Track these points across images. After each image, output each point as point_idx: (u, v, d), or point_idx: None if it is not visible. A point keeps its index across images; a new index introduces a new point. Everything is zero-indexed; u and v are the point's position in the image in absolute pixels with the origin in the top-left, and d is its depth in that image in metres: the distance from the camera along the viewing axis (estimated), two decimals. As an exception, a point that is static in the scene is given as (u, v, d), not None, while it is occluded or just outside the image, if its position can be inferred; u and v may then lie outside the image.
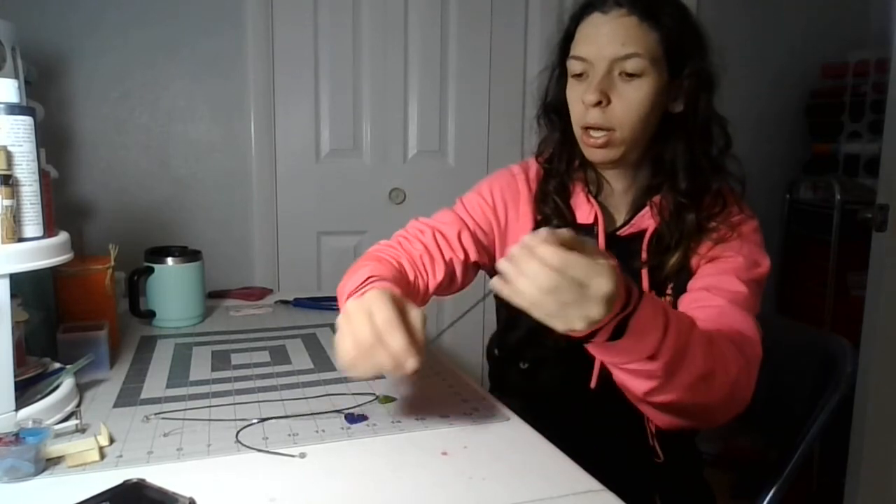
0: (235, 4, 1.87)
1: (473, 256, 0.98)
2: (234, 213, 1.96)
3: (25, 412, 0.72)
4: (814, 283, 2.30)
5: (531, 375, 0.93)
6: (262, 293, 1.50)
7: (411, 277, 0.92)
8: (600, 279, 0.60)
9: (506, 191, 1.00)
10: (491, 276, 1.05)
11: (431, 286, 0.94)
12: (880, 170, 1.67)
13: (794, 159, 2.48)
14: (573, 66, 0.87)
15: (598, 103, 0.84)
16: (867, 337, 1.68)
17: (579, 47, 0.86)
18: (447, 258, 0.95)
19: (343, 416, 0.79)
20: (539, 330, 0.96)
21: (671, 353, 0.68)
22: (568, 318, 0.62)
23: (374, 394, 0.86)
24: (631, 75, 0.83)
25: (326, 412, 0.80)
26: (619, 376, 0.75)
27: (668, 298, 0.88)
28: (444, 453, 0.70)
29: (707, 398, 0.74)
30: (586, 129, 0.87)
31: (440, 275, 0.94)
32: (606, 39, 0.83)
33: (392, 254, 0.94)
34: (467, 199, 1.02)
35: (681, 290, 0.87)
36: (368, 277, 0.82)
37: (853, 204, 2.14)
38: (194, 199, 1.91)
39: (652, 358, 0.68)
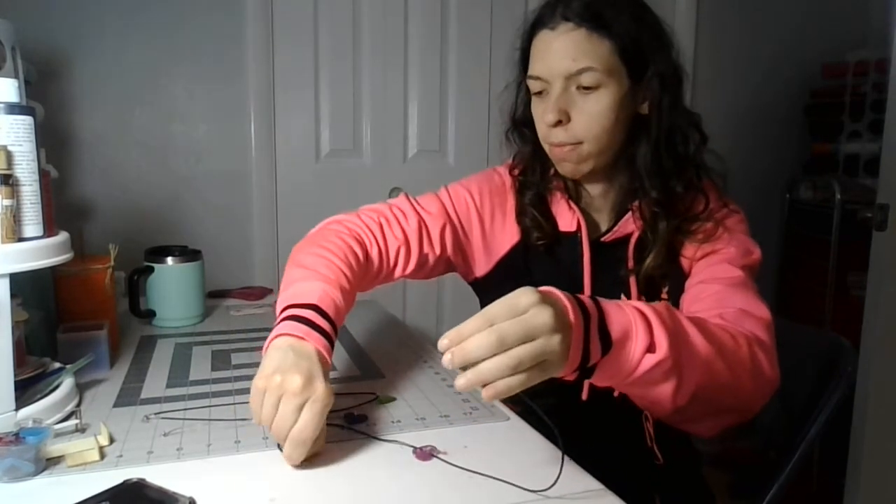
0: (236, 4, 1.87)
1: (450, 252, 0.97)
2: (234, 213, 1.96)
3: (25, 412, 0.72)
4: (814, 283, 2.30)
5: None
6: (262, 293, 1.50)
7: (373, 268, 0.90)
8: (535, 313, 0.56)
9: (495, 199, 0.98)
10: (462, 275, 1.04)
11: (397, 274, 0.94)
12: (880, 169, 1.67)
13: (794, 159, 2.48)
14: (531, 85, 0.87)
15: (559, 122, 0.83)
16: (867, 337, 1.68)
17: (533, 66, 0.86)
18: (424, 251, 0.95)
19: (343, 416, 0.79)
20: None
21: (666, 336, 0.63)
22: (542, 365, 0.57)
23: (375, 394, 0.86)
24: (588, 89, 0.82)
25: (326, 412, 0.80)
26: (642, 394, 0.70)
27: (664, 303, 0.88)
28: (444, 453, 0.70)
29: (730, 378, 0.70)
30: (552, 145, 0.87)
31: (411, 266, 0.94)
32: (558, 56, 0.82)
33: (362, 239, 0.90)
34: (454, 190, 0.99)
35: (677, 292, 0.86)
36: (312, 305, 0.74)
37: (853, 204, 2.14)
38: (194, 199, 1.91)
39: (652, 349, 0.63)
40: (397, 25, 2.05)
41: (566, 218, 0.93)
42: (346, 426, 0.76)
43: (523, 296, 0.57)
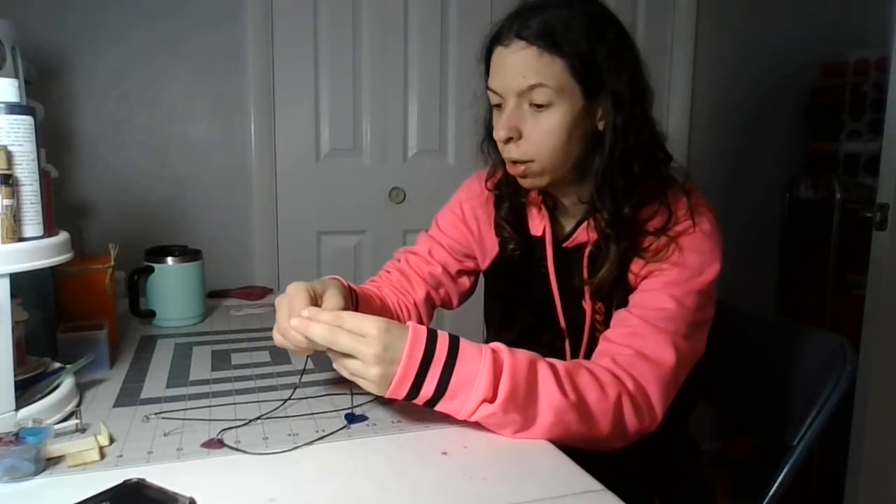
0: (236, 3, 1.87)
1: (454, 266, 1.06)
2: (234, 212, 1.96)
3: (25, 412, 0.72)
4: (814, 283, 2.31)
5: None
6: (262, 293, 1.50)
7: (394, 301, 1.02)
8: (368, 342, 0.69)
9: (475, 203, 1.04)
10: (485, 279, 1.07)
11: (419, 300, 1.04)
12: (880, 169, 1.67)
13: (794, 158, 2.48)
14: (491, 98, 0.87)
15: (510, 139, 0.83)
16: (867, 337, 1.68)
17: (491, 80, 0.86)
18: (424, 274, 1.05)
19: (343, 416, 0.79)
20: (533, 329, 0.97)
21: (507, 390, 0.70)
22: (364, 367, 0.69)
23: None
24: (539, 106, 0.81)
25: (326, 412, 0.81)
26: (492, 429, 0.75)
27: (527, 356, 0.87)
28: (444, 453, 0.70)
29: (583, 426, 0.74)
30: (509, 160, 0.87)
31: (421, 290, 1.04)
32: (510, 73, 0.82)
33: (374, 287, 1.03)
34: (441, 215, 1.09)
35: (621, 305, 0.85)
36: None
37: (853, 203, 2.14)
38: (194, 199, 1.91)
39: (490, 400, 0.70)
40: (397, 25, 2.04)
41: (536, 222, 0.96)
42: (346, 426, 0.76)
43: (372, 325, 0.69)
